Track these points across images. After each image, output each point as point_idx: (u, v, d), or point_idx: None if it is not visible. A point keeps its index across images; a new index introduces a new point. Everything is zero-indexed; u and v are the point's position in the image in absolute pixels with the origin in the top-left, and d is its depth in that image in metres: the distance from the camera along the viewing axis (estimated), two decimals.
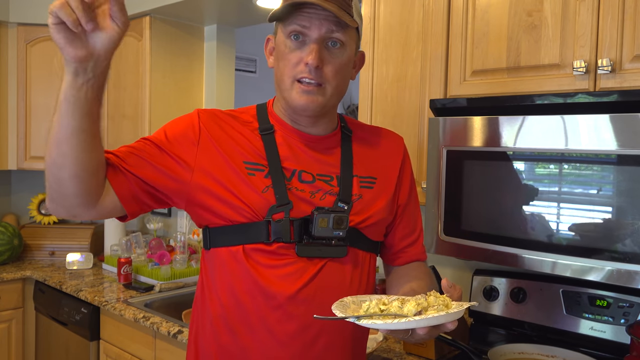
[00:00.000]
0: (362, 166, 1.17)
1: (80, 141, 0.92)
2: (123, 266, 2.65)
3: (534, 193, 1.40)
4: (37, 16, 3.05)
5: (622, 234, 1.25)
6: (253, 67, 3.90)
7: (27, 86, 3.08)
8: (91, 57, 0.86)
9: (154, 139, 1.10)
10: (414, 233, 1.26)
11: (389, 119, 1.81)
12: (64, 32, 0.83)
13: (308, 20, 1.04)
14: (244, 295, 1.09)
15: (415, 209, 1.27)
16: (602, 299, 1.58)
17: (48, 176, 0.98)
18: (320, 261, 1.09)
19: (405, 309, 0.84)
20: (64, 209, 1.03)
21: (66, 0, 0.81)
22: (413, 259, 1.26)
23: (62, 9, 0.81)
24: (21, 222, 3.38)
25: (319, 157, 1.15)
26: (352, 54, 1.12)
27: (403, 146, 1.27)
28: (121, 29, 0.87)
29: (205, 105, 3.11)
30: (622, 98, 1.27)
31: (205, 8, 2.74)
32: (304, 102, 1.07)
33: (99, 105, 0.93)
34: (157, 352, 2.16)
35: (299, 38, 1.05)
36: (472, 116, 1.49)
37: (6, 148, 3.10)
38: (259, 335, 1.09)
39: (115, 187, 1.03)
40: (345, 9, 1.05)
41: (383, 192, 1.18)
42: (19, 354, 2.93)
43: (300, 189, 1.10)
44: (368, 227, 1.15)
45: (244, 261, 1.08)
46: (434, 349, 1.71)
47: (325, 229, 1.06)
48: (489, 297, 1.79)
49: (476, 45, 1.58)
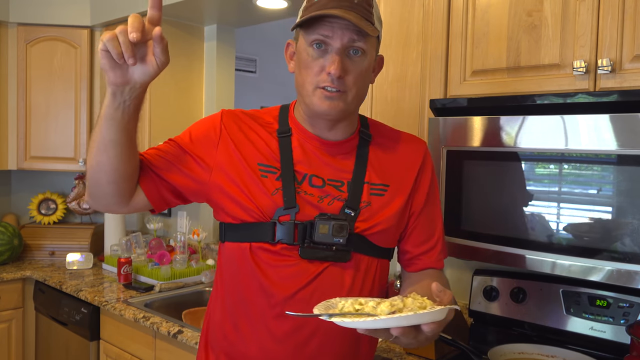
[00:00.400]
0: (376, 172, 1.18)
1: (117, 152, 1.03)
2: (123, 266, 2.65)
3: (534, 193, 1.40)
4: (37, 16, 3.05)
5: (622, 234, 1.25)
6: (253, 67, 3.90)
7: (27, 86, 3.08)
8: (128, 84, 0.96)
9: (180, 141, 1.18)
10: (430, 240, 1.23)
11: (389, 119, 1.81)
12: (108, 59, 0.92)
13: (330, 30, 1.06)
14: (248, 291, 1.14)
15: (433, 216, 1.25)
16: (602, 299, 1.58)
17: (88, 178, 1.09)
18: (322, 264, 1.11)
19: (379, 309, 0.83)
20: (101, 206, 1.15)
21: (116, 34, 0.89)
22: (427, 267, 1.24)
23: (110, 41, 0.89)
24: (21, 222, 3.38)
25: (332, 162, 1.17)
26: (372, 60, 1.15)
27: (424, 152, 1.25)
28: (160, 67, 0.95)
29: (205, 105, 3.11)
30: (622, 98, 1.27)
31: (205, 8, 2.74)
32: (326, 108, 1.09)
33: (135, 122, 1.04)
34: (157, 352, 2.16)
35: (321, 47, 1.08)
36: (472, 116, 1.49)
37: (6, 148, 3.10)
38: (258, 330, 1.13)
39: (145, 190, 1.14)
40: (367, 17, 1.07)
41: (395, 200, 1.18)
42: (19, 354, 2.93)
43: (309, 192, 1.13)
44: (375, 235, 1.15)
45: (250, 258, 1.13)
46: (434, 349, 1.71)
47: (326, 235, 1.09)
48: (489, 297, 1.79)
49: (476, 45, 1.58)
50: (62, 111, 3.07)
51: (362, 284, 1.15)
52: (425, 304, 0.84)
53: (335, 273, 1.12)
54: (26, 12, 3.05)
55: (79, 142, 3.09)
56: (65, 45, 3.08)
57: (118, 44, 0.89)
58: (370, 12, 1.09)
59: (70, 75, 3.07)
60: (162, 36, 0.92)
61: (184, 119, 3.00)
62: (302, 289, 1.10)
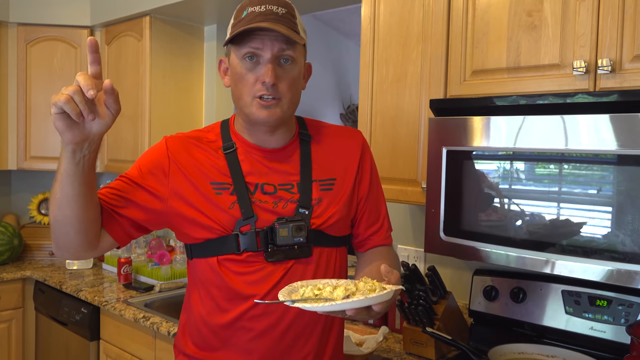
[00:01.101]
0: (321, 169, 1.26)
1: (81, 204, 1.06)
2: (123, 266, 2.66)
3: (534, 193, 1.40)
4: (37, 16, 3.05)
5: (622, 234, 1.25)
6: None
7: (27, 86, 3.08)
8: (87, 140, 0.98)
9: (130, 176, 1.22)
10: (378, 221, 1.34)
11: (389, 119, 1.81)
12: (64, 121, 0.94)
13: (260, 42, 1.13)
14: (222, 299, 1.21)
15: (377, 198, 1.35)
16: (602, 299, 1.58)
17: (54, 231, 1.12)
18: (287, 263, 1.19)
19: (335, 293, 0.95)
20: (70, 254, 1.18)
21: (70, 96, 0.91)
22: (377, 244, 1.35)
23: (67, 104, 0.91)
24: (21, 222, 3.38)
25: (279, 167, 1.24)
26: (302, 67, 1.22)
27: (361, 141, 1.34)
28: (114, 116, 0.99)
29: (204, 105, 3.11)
30: (622, 98, 1.27)
31: (205, 8, 2.74)
32: (264, 116, 1.16)
33: (94, 173, 1.08)
34: (157, 352, 2.16)
35: (253, 59, 1.15)
36: (472, 116, 1.49)
37: (6, 148, 3.10)
38: (237, 331, 1.21)
39: (109, 231, 1.18)
40: (293, 27, 1.15)
41: (342, 191, 1.27)
42: (19, 354, 2.93)
43: (263, 200, 1.20)
44: (330, 227, 1.24)
45: (218, 270, 1.20)
46: (434, 349, 1.71)
47: (287, 238, 1.17)
48: (489, 297, 1.79)
49: (476, 45, 1.58)
50: None
51: (325, 273, 1.24)
52: (375, 287, 0.96)
53: (299, 269, 1.20)
54: (26, 12, 3.05)
55: None
56: (65, 45, 3.08)
57: (75, 105, 0.91)
58: (295, 23, 1.17)
59: (70, 75, 3.07)
60: (112, 87, 0.95)
61: (183, 119, 3.00)
62: (272, 289, 1.17)
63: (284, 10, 1.16)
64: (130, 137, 2.91)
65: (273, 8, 1.14)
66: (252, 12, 1.14)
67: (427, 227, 1.59)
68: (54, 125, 0.95)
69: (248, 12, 1.15)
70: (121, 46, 2.97)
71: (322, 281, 1.05)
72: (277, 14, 1.14)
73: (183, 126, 2.95)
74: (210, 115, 3.07)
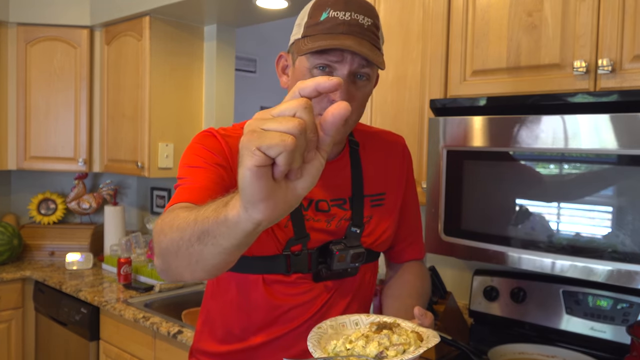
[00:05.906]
0: (372, 182, 1.19)
1: (229, 254, 0.71)
2: (123, 266, 2.65)
3: (534, 193, 1.40)
4: (37, 16, 3.05)
5: (622, 234, 1.25)
6: (253, 67, 3.90)
7: (27, 86, 3.08)
8: (290, 207, 0.60)
9: (208, 162, 1.01)
10: (415, 232, 1.30)
11: (389, 119, 1.81)
12: (266, 180, 0.55)
13: (340, 55, 0.99)
14: (258, 318, 1.12)
15: (415, 207, 1.30)
16: (602, 299, 1.58)
17: (175, 257, 0.79)
18: (334, 283, 1.14)
19: (368, 349, 0.91)
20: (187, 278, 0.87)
21: (296, 137, 0.53)
22: (413, 258, 1.30)
23: (291, 152, 0.54)
24: (21, 222, 3.37)
25: (331, 182, 1.13)
26: (374, 81, 1.11)
27: (404, 147, 1.29)
28: (322, 164, 0.60)
29: (204, 105, 3.11)
30: (622, 98, 1.27)
31: (205, 8, 2.74)
32: None
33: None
34: (157, 352, 2.16)
35: (325, 69, 1.01)
36: (472, 116, 1.49)
37: (6, 148, 3.10)
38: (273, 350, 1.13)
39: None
40: (376, 43, 1.03)
41: (392, 206, 1.22)
42: (18, 354, 2.93)
43: (316, 218, 1.11)
44: (379, 245, 1.19)
45: (263, 289, 1.10)
46: (434, 349, 1.71)
47: (343, 263, 1.11)
48: (489, 297, 1.79)
49: (476, 45, 1.58)
50: (62, 111, 3.07)
51: (365, 288, 1.20)
52: (409, 339, 0.92)
53: (345, 289, 1.15)
54: (26, 12, 3.05)
55: (78, 142, 3.09)
56: (65, 45, 3.08)
57: (298, 155, 0.55)
58: (377, 37, 1.04)
59: (70, 75, 3.07)
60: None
61: (183, 119, 3.00)
62: (316, 314, 1.12)
63: (369, 21, 1.01)
64: (130, 137, 2.91)
65: (359, 18, 1.00)
66: (334, 17, 0.99)
67: (427, 227, 1.59)
68: (243, 191, 0.57)
69: (329, 16, 1.00)
70: (121, 46, 2.97)
71: (352, 318, 0.99)
72: (362, 25, 0.99)
73: (183, 126, 2.95)
74: (210, 115, 3.07)
